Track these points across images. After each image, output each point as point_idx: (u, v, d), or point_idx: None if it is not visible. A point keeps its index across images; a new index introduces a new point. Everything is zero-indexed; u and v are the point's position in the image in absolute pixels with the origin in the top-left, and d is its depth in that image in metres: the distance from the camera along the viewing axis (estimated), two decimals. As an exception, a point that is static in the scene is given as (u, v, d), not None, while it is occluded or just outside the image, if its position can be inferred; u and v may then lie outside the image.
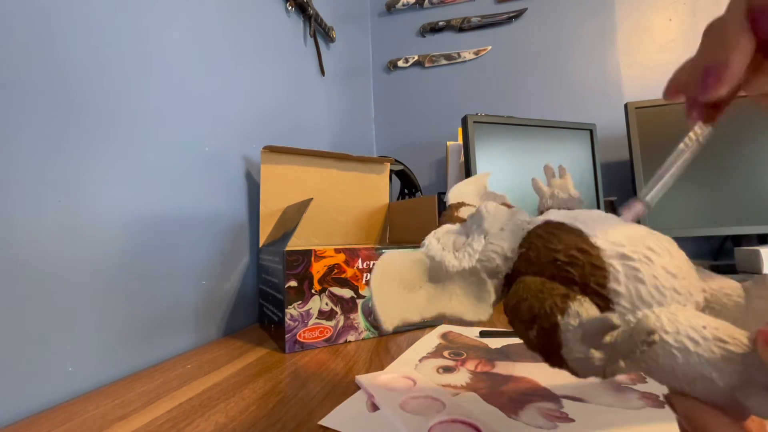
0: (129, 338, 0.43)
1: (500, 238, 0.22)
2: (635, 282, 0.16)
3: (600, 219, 0.19)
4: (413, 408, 0.31)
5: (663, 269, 0.16)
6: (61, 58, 0.37)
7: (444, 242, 0.24)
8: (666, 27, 1.15)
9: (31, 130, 0.35)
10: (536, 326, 0.17)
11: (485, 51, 1.29)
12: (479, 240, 0.22)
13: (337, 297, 0.49)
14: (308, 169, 0.67)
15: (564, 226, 0.19)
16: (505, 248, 0.21)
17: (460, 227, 0.25)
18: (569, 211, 0.21)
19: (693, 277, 0.17)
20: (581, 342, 0.16)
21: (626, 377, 0.36)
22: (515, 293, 0.19)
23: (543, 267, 0.18)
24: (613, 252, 0.17)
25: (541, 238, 0.19)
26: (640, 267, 0.16)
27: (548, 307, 0.16)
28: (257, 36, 0.71)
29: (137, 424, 0.30)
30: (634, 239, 0.17)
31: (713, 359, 0.14)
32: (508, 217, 0.23)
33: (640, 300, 0.16)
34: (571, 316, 0.16)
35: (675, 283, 0.16)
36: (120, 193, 0.43)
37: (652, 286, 0.16)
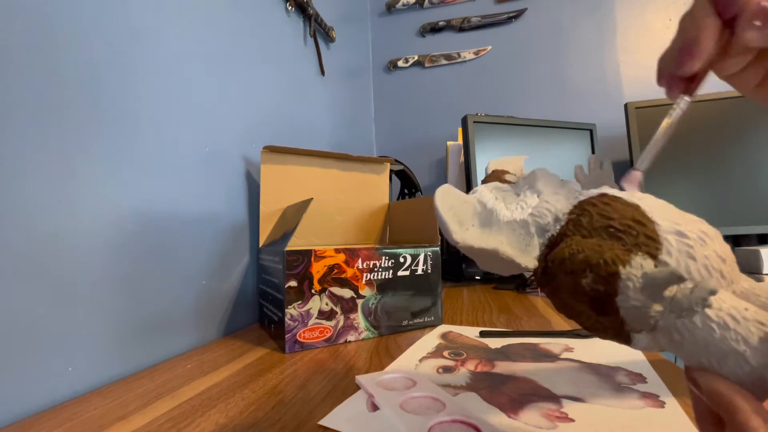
0: (129, 338, 0.43)
1: (555, 198, 0.22)
2: (687, 258, 0.16)
3: (654, 200, 0.19)
4: (413, 408, 0.31)
5: (714, 252, 0.16)
6: (61, 59, 0.37)
7: (496, 193, 0.24)
8: (666, 27, 1.15)
9: (31, 130, 0.35)
10: (592, 274, 0.17)
11: (485, 51, 1.29)
12: (533, 197, 0.23)
13: (337, 297, 0.49)
14: (308, 169, 0.67)
15: (621, 199, 0.19)
16: (558, 208, 0.21)
17: (512, 186, 0.25)
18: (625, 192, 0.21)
19: (736, 268, 0.17)
20: (641, 291, 0.16)
21: (626, 377, 0.36)
22: (567, 247, 0.19)
23: (593, 232, 0.19)
24: (670, 228, 0.17)
25: (595, 206, 0.20)
26: (695, 245, 0.16)
27: (609, 257, 0.17)
28: (257, 36, 0.71)
29: (137, 424, 0.30)
30: (690, 222, 0.17)
31: (750, 338, 0.15)
32: (561, 183, 0.23)
33: (689, 275, 0.16)
34: (634, 267, 0.16)
35: (723, 267, 0.16)
36: (120, 193, 0.43)
37: (702, 265, 0.16)
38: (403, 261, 0.54)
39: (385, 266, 0.53)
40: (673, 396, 0.31)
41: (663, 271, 0.16)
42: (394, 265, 0.53)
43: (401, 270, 0.54)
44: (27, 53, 0.35)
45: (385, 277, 0.53)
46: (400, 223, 0.71)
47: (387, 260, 0.53)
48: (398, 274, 0.54)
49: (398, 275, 0.54)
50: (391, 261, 0.53)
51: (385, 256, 0.53)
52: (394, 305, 0.53)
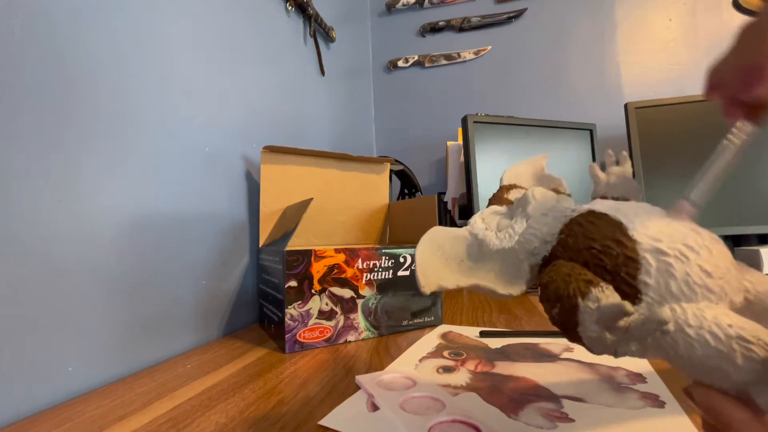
0: (129, 338, 0.43)
1: (542, 222, 0.22)
2: (666, 276, 0.16)
3: (644, 212, 0.19)
4: (413, 408, 0.31)
5: (698, 267, 0.16)
6: (61, 59, 0.37)
7: (488, 222, 0.25)
8: (666, 27, 1.15)
9: (30, 130, 0.35)
10: (559, 305, 0.18)
11: (485, 51, 1.29)
12: (521, 222, 0.23)
13: (337, 297, 0.49)
14: (308, 169, 0.67)
15: (605, 217, 0.19)
16: (545, 232, 0.22)
17: (507, 209, 0.26)
18: (616, 202, 0.21)
19: (732, 278, 0.17)
20: (596, 323, 0.17)
21: (626, 377, 0.36)
22: (547, 274, 0.20)
23: (578, 253, 0.19)
24: (649, 246, 0.17)
25: (581, 226, 0.20)
26: (674, 263, 0.16)
27: (571, 289, 0.18)
28: (257, 36, 0.71)
29: (137, 424, 0.30)
30: (674, 236, 0.17)
31: (731, 356, 0.14)
32: (553, 203, 0.23)
33: (669, 294, 0.16)
34: (590, 299, 0.17)
35: (708, 282, 0.16)
36: (120, 193, 0.43)
37: (683, 282, 0.16)
38: (403, 261, 0.54)
39: (385, 266, 0.53)
40: (673, 396, 0.31)
41: (612, 306, 0.16)
42: (394, 265, 0.53)
43: (401, 270, 0.54)
44: (27, 53, 0.35)
45: (385, 277, 0.53)
46: (400, 223, 0.71)
47: (387, 260, 0.53)
48: (398, 274, 0.54)
49: (398, 275, 0.54)
50: (391, 261, 0.53)
51: (385, 256, 0.53)
52: (394, 305, 0.53)
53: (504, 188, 0.30)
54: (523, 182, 0.31)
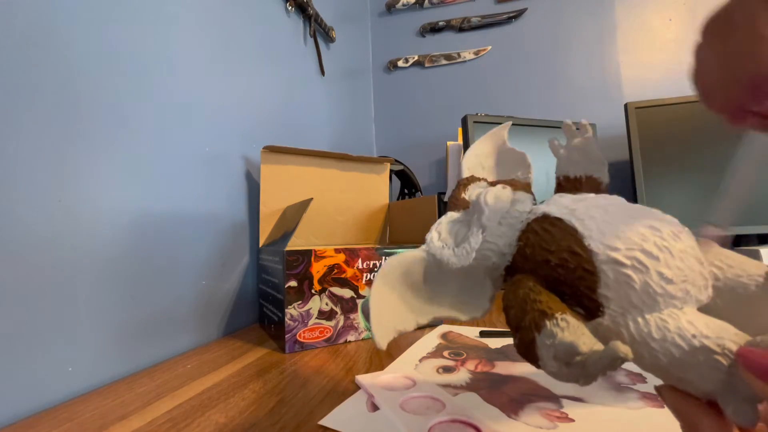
0: (129, 338, 0.43)
1: (497, 234, 0.22)
2: (626, 288, 0.16)
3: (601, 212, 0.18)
4: (413, 408, 0.31)
5: (658, 275, 0.16)
6: (61, 59, 0.37)
7: (444, 237, 0.24)
8: (666, 27, 1.15)
9: (31, 130, 0.35)
10: (518, 336, 0.18)
11: (485, 51, 1.29)
12: (477, 235, 0.22)
13: (337, 297, 0.49)
14: (308, 169, 0.67)
15: (560, 224, 0.18)
16: (501, 245, 0.21)
17: (464, 214, 0.25)
18: (574, 198, 0.20)
19: (696, 276, 0.16)
20: (554, 359, 0.16)
21: (626, 377, 0.36)
22: (506, 296, 0.19)
23: (536, 266, 0.19)
24: (606, 257, 0.16)
25: (537, 235, 0.19)
26: (632, 274, 0.16)
27: (527, 321, 0.17)
28: (257, 36, 0.71)
29: (137, 424, 0.30)
30: (632, 240, 0.16)
31: (697, 366, 0.14)
32: (507, 207, 0.22)
33: (630, 305, 0.16)
34: (545, 335, 0.16)
35: (670, 288, 0.15)
36: (120, 193, 0.43)
37: (643, 292, 0.16)
38: (403, 261, 0.54)
39: (385, 266, 0.53)
40: (673, 396, 0.31)
41: (564, 346, 0.16)
42: (394, 265, 0.53)
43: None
44: (27, 53, 0.35)
45: (385, 277, 0.53)
46: (400, 223, 0.71)
47: (387, 260, 0.53)
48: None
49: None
50: (391, 261, 0.53)
51: (385, 256, 0.53)
52: (394, 305, 0.53)
53: (461, 186, 0.28)
54: (486, 163, 0.29)
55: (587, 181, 0.23)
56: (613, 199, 0.19)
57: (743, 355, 0.13)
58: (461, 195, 0.27)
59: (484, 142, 0.30)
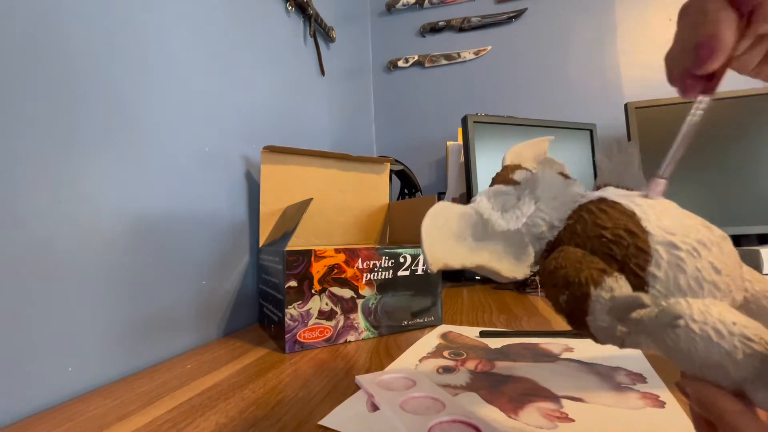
0: (129, 338, 0.43)
1: (551, 206, 0.22)
2: (676, 270, 0.16)
3: (659, 205, 0.19)
4: (413, 408, 0.31)
5: (709, 264, 0.16)
6: (61, 59, 0.37)
7: (494, 202, 0.25)
8: (666, 26, 1.15)
9: (31, 131, 0.35)
10: (568, 292, 0.18)
11: (485, 51, 1.29)
12: (529, 204, 0.23)
13: (337, 297, 0.49)
14: (308, 169, 0.67)
15: (618, 206, 0.19)
16: (553, 216, 0.22)
17: (513, 189, 0.25)
18: (629, 192, 0.21)
19: (737, 276, 0.17)
20: (608, 313, 0.17)
21: (626, 377, 0.36)
22: (555, 259, 0.20)
23: (587, 240, 0.19)
24: (662, 238, 0.17)
25: (591, 213, 0.20)
26: (686, 258, 0.16)
27: (583, 277, 0.17)
28: (257, 36, 0.71)
29: (137, 424, 0.30)
30: (688, 230, 0.17)
31: (733, 352, 0.14)
32: (562, 187, 0.23)
33: (677, 288, 0.16)
34: (604, 289, 0.17)
35: (716, 279, 0.16)
36: (120, 193, 0.43)
37: (693, 277, 0.16)
38: (403, 261, 0.54)
39: (385, 266, 0.53)
40: (673, 396, 0.31)
41: (628, 297, 0.16)
42: (394, 265, 0.53)
43: (401, 270, 0.54)
44: (27, 53, 0.35)
45: (385, 277, 0.53)
46: (400, 223, 0.71)
47: (387, 260, 0.53)
48: (398, 274, 0.54)
49: (398, 275, 0.54)
50: (391, 261, 0.53)
51: (385, 256, 0.53)
52: (394, 305, 0.53)
53: (508, 168, 0.28)
54: (525, 164, 0.30)
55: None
56: (670, 202, 0.20)
57: None
58: (509, 175, 0.27)
59: (525, 146, 0.31)
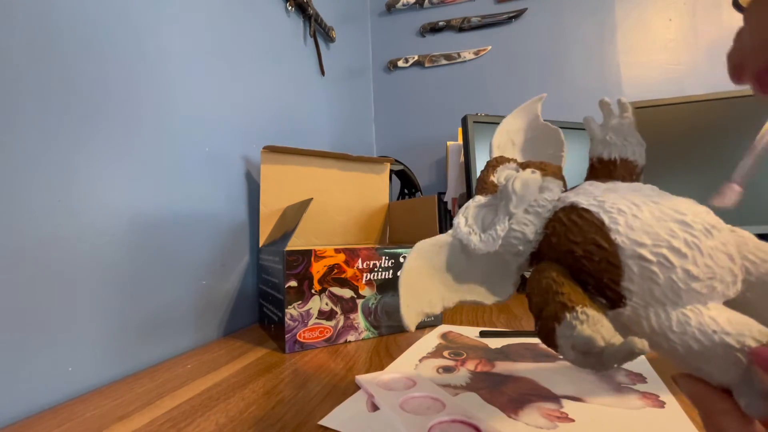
0: (129, 338, 0.43)
1: (523, 222, 0.22)
2: (650, 283, 0.16)
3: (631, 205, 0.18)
4: (413, 408, 0.31)
5: (684, 272, 0.16)
6: (61, 59, 0.37)
7: (471, 223, 0.24)
8: (666, 27, 1.15)
9: (31, 131, 0.35)
10: (539, 323, 0.18)
11: (485, 51, 1.29)
12: (504, 222, 0.22)
13: (337, 297, 0.49)
14: (308, 169, 0.67)
15: (588, 215, 0.18)
16: (527, 233, 0.21)
17: (491, 199, 0.25)
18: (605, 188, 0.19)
19: (726, 273, 0.16)
20: (572, 349, 0.17)
21: (626, 377, 0.36)
22: (530, 283, 0.20)
23: (561, 255, 0.19)
24: (632, 252, 0.16)
25: (563, 226, 0.19)
26: (657, 270, 0.16)
27: (548, 312, 0.18)
28: (257, 36, 0.71)
29: (137, 424, 0.30)
30: (661, 237, 0.16)
31: (715, 359, 0.14)
32: (535, 194, 0.22)
33: (653, 299, 0.16)
34: (565, 327, 0.17)
35: (695, 285, 0.16)
36: (120, 193, 0.43)
37: (668, 288, 0.16)
38: (403, 261, 0.54)
39: (385, 266, 0.53)
40: (673, 396, 0.31)
41: (582, 340, 0.16)
42: (394, 265, 0.53)
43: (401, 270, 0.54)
44: (27, 53, 0.35)
45: (385, 277, 0.53)
46: (400, 223, 0.71)
47: (387, 260, 0.53)
48: (398, 274, 0.54)
49: (398, 275, 0.54)
50: (391, 261, 0.53)
51: (385, 256, 0.53)
52: (394, 305, 0.53)
53: (489, 168, 0.27)
54: (517, 139, 0.29)
55: (622, 164, 0.22)
56: (646, 190, 0.18)
57: (758, 354, 0.13)
58: (489, 177, 0.26)
59: (515, 117, 0.29)
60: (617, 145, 0.22)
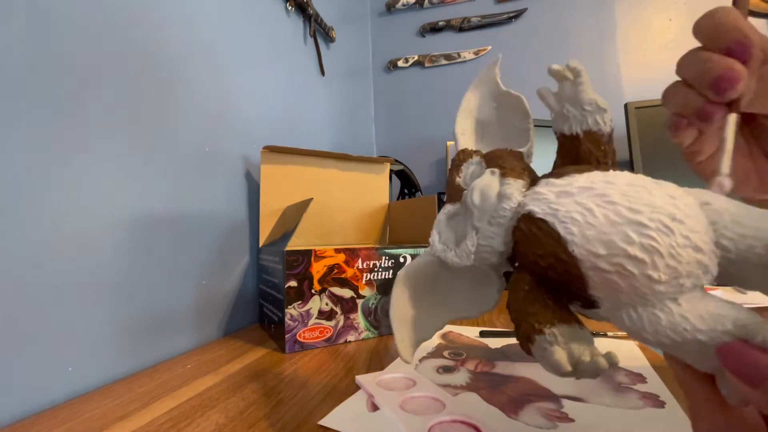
0: (129, 338, 0.43)
1: (489, 235, 0.21)
2: (614, 291, 0.16)
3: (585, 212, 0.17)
4: (413, 408, 0.31)
5: (645, 278, 0.15)
6: (61, 58, 0.37)
7: (445, 238, 0.24)
8: (666, 27, 1.15)
9: (31, 131, 0.35)
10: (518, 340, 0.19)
11: (485, 51, 1.29)
12: (472, 237, 0.22)
13: (337, 297, 0.49)
14: (308, 169, 0.67)
15: (545, 227, 0.18)
16: (495, 246, 0.21)
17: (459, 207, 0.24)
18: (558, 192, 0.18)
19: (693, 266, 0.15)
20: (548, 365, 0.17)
21: (626, 377, 0.36)
22: (508, 298, 0.20)
23: (530, 264, 0.19)
24: (590, 263, 0.16)
25: (525, 236, 0.19)
26: (617, 279, 0.16)
27: (522, 332, 0.18)
28: (257, 36, 0.71)
29: (137, 424, 0.30)
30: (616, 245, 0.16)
31: (690, 354, 0.15)
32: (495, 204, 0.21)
33: (621, 303, 0.16)
34: (537, 348, 0.17)
35: (659, 288, 0.15)
36: (120, 193, 0.43)
37: (632, 293, 0.16)
38: (403, 261, 0.54)
39: (385, 266, 0.53)
40: (673, 396, 0.31)
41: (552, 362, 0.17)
42: (394, 265, 0.53)
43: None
44: (27, 53, 0.35)
45: (385, 277, 0.53)
46: (400, 223, 0.71)
47: (387, 260, 0.53)
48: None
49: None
50: (391, 261, 0.53)
51: (385, 256, 0.53)
52: (394, 305, 0.53)
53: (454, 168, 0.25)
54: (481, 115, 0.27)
55: (586, 137, 0.21)
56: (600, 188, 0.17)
57: (725, 355, 0.13)
58: (455, 181, 0.25)
59: (473, 91, 0.27)
60: (576, 117, 0.21)
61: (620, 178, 0.18)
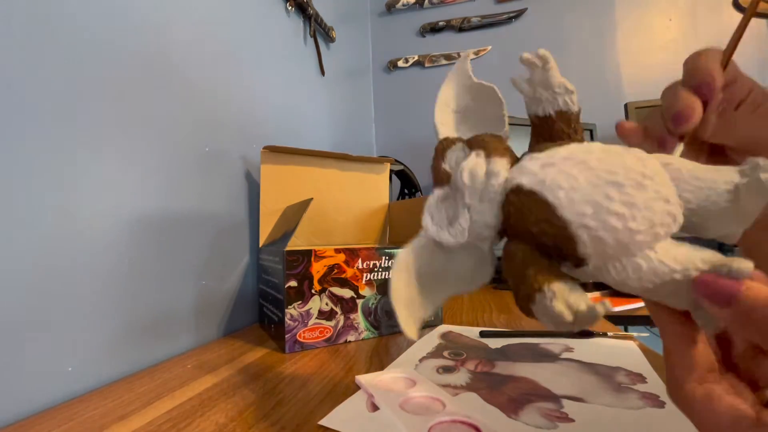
0: (129, 338, 0.43)
1: (481, 211, 0.23)
2: (601, 245, 0.18)
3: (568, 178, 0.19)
4: (413, 408, 0.31)
5: (627, 229, 0.18)
6: (61, 58, 0.37)
7: (438, 219, 0.25)
8: (666, 27, 1.15)
9: (31, 131, 0.35)
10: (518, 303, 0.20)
11: (485, 51, 1.29)
12: (465, 215, 0.23)
13: (337, 297, 0.49)
14: (308, 169, 0.67)
15: (534, 196, 0.20)
16: (487, 220, 0.22)
17: (448, 190, 0.25)
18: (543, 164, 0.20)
19: (663, 216, 0.18)
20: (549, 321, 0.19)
21: (626, 377, 0.36)
22: (504, 268, 0.21)
23: (522, 234, 0.21)
24: (579, 223, 0.18)
25: (515, 207, 0.21)
26: (603, 234, 0.18)
27: (522, 293, 0.19)
28: (257, 36, 0.71)
29: (137, 424, 0.30)
30: (599, 204, 0.18)
31: (669, 294, 0.17)
32: (484, 182, 0.23)
33: (608, 257, 0.18)
34: (538, 306, 0.19)
35: (639, 237, 0.18)
36: (120, 193, 0.43)
37: (616, 245, 0.18)
38: (403, 261, 0.54)
39: (385, 266, 0.53)
40: (673, 396, 0.31)
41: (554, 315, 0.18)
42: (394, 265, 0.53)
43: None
44: (27, 53, 0.35)
45: (385, 277, 0.53)
46: (400, 223, 0.71)
47: (387, 260, 0.53)
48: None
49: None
50: (391, 261, 0.53)
51: (385, 256, 0.53)
52: (394, 305, 0.53)
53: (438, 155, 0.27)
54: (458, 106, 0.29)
55: (558, 116, 0.24)
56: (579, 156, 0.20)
57: (697, 285, 0.16)
58: (441, 166, 0.26)
59: (448, 85, 0.29)
60: (549, 99, 0.24)
61: (595, 147, 0.20)
